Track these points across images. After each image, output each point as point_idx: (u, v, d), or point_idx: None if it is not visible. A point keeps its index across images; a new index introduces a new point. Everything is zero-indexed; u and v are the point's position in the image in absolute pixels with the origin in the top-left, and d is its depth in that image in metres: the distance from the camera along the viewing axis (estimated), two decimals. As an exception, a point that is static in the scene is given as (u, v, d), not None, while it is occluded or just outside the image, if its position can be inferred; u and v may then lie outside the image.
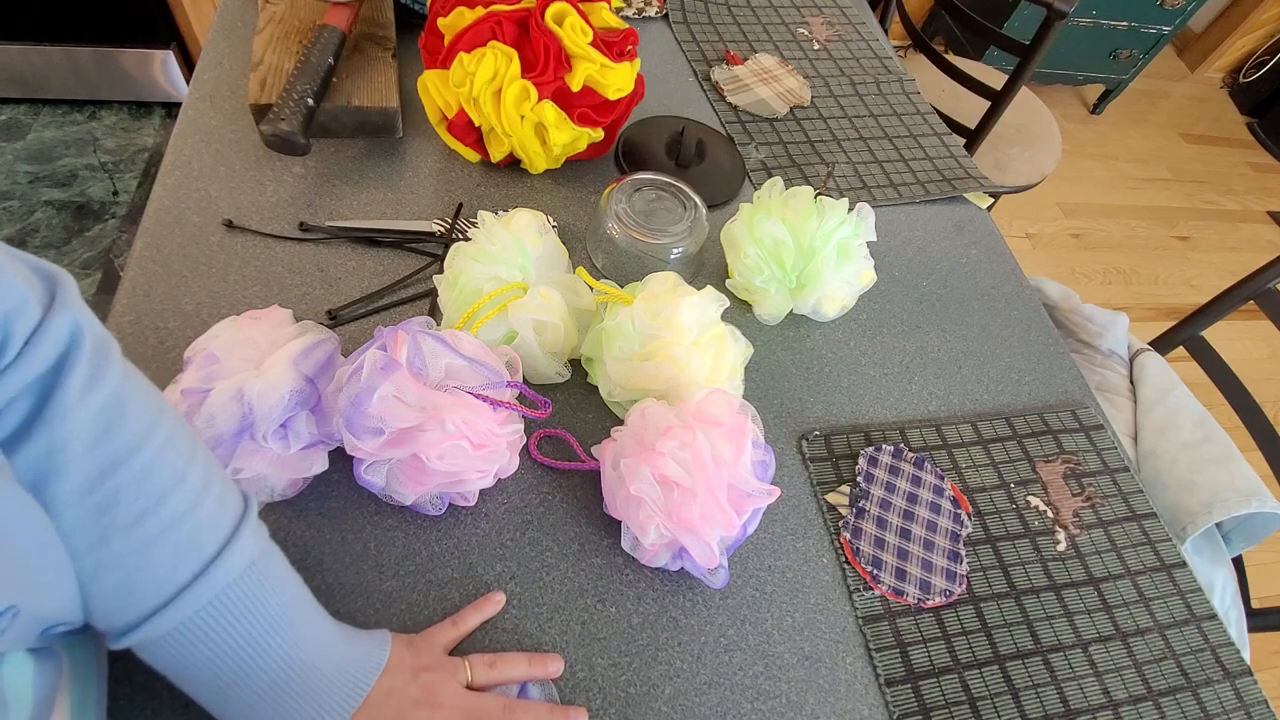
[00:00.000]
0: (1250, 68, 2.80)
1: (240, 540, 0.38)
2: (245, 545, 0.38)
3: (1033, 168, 1.47)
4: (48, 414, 0.31)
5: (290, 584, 0.41)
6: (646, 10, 1.01)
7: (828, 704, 0.51)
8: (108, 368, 0.33)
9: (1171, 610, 0.60)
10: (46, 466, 0.31)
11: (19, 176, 1.63)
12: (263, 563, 0.39)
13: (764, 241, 0.67)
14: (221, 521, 0.38)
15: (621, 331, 0.58)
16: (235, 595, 0.37)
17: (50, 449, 0.31)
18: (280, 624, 0.39)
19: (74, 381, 0.31)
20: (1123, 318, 0.97)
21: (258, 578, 0.39)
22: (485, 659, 0.47)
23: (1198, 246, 2.31)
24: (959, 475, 0.64)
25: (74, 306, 0.33)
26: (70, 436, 0.31)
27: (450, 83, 0.68)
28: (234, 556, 0.37)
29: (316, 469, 0.50)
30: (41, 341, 0.31)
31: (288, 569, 0.42)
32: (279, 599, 0.40)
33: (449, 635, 0.48)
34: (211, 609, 0.36)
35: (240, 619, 0.37)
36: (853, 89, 0.99)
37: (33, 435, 0.31)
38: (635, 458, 0.50)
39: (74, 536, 0.33)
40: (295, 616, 0.40)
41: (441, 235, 0.70)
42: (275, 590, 0.40)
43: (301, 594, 0.42)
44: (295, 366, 0.48)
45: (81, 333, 0.32)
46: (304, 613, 0.41)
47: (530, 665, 0.48)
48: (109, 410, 0.33)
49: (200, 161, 0.70)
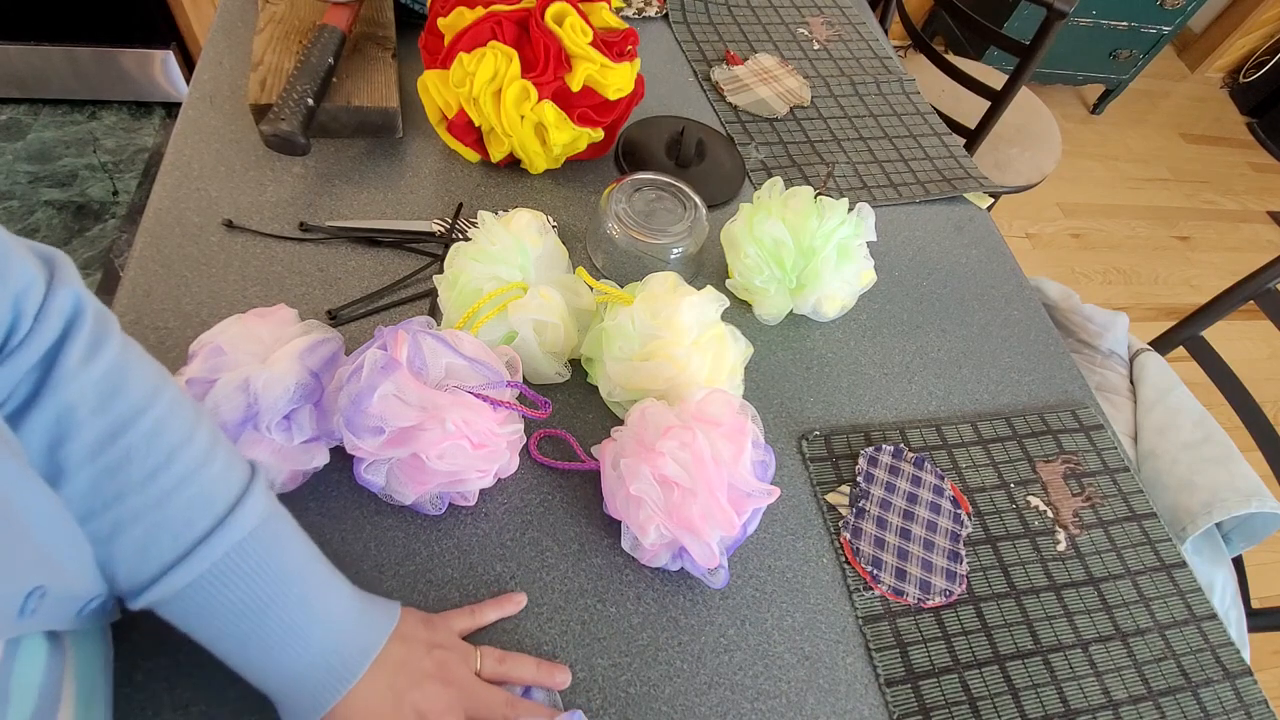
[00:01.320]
0: (1250, 68, 2.80)
1: (252, 497, 0.39)
2: (257, 501, 0.39)
3: (1033, 168, 1.47)
4: (54, 380, 0.33)
5: (303, 543, 0.43)
6: (646, 10, 1.01)
7: (828, 704, 0.51)
8: (108, 337, 0.36)
9: (1171, 610, 0.60)
10: (57, 431, 0.33)
11: (19, 176, 1.63)
12: (275, 520, 0.41)
13: (764, 241, 0.67)
14: (231, 480, 0.39)
15: (621, 331, 0.58)
16: (250, 549, 0.38)
17: (59, 414, 0.33)
18: (296, 576, 0.41)
19: (77, 349, 0.34)
20: (1123, 318, 0.97)
21: (272, 533, 0.40)
22: (496, 653, 0.47)
23: (1198, 246, 2.31)
24: (959, 475, 0.64)
25: (74, 281, 0.35)
26: (77, 401, 0.34)
27: (450, 83, 0.68)
28: (247, 512, 0.38)
29: (318, 462, 0.50)
30: (49, 316, 0.33)
31: (299, 530, 0.43)
32: (293, 554, 0.41)
33: (465, 622, 0.48)
34: (228, 562, 0.38)
35: (256, 571, 0.38)
36: (853, 89, 0.99)
37: (41, 402, 0.33)
38: (635, 458, 0.50)
39: (91, 497, 0.35)
40: (310, 571, 0.42)
41: (441, 235, 0.70)
42: (288, 546, 0.41)
43: (314, 552, 0.43)
44: (301, 360, 0.48)
45: (83, 305, 0.35)
46: (318, 568, 0.43)
47: (538, 670, 0.48)
48: (112, 375, 0.35)
49: (200, 161, 0.70)
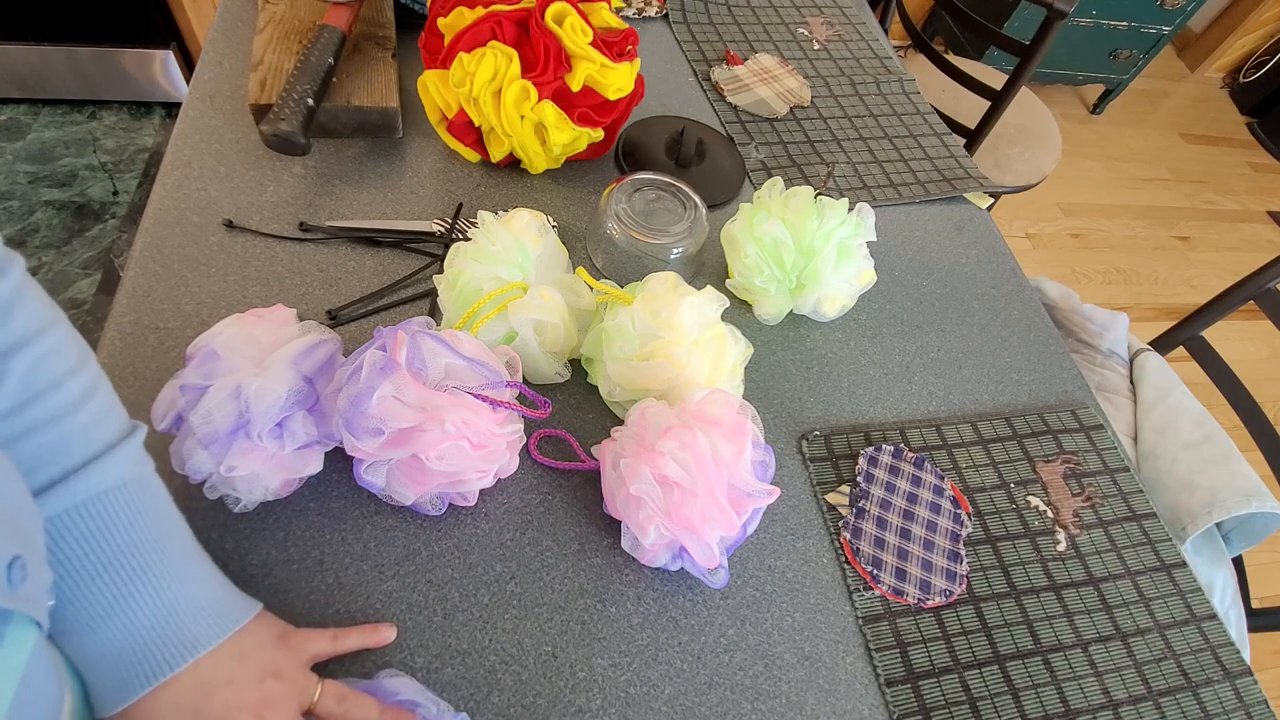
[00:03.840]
0: (1250, 68, 2.80)
1: (112, 459, 0.37)
2: (116, 465, 0.38)
3: (1033, 168, 1.47)
4: None
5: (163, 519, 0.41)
6: (646, 10, 1.01)
7: (828, 704, 0.51)
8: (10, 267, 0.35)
9: (1171, 610, 0.60)
10: None
11: (19, 176, 1.63)
12: (136, 488, 0.39)
13: (764, 241, 0.67)
14: (94, 437, 0.38)
15: (621, 331, 0.58)
16: (94, 511, 0.37)
17: None
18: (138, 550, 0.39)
19: None
20: (1123, 318, 0.97)
21: (125, 500, 0.38)
22: (339, 692, 0.43)
23: (1198, 246, 2.31)
24: (959, 475, 0.64)
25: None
26: None
27: (450, 83, 0.68)
28: (99, 473, 0.37)
29: (311, 469, 0.50)
30: None
31: (168, 505, 0.41)
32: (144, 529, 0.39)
33: (322, 647, 0.45)
34: (67, 519, 0.36)
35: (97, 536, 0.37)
36: (853, 89, 0.99)
37: None
38: (635, 458, 0.50)
39: None
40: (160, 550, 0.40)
41: (441, 235, 0.70)
42: (141, 519, 0.39)
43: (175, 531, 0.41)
44: (295, 366, 0.48)
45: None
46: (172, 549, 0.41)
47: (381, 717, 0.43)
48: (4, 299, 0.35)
49: (200, 161, 0.70)
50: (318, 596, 0.49)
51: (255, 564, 0.50)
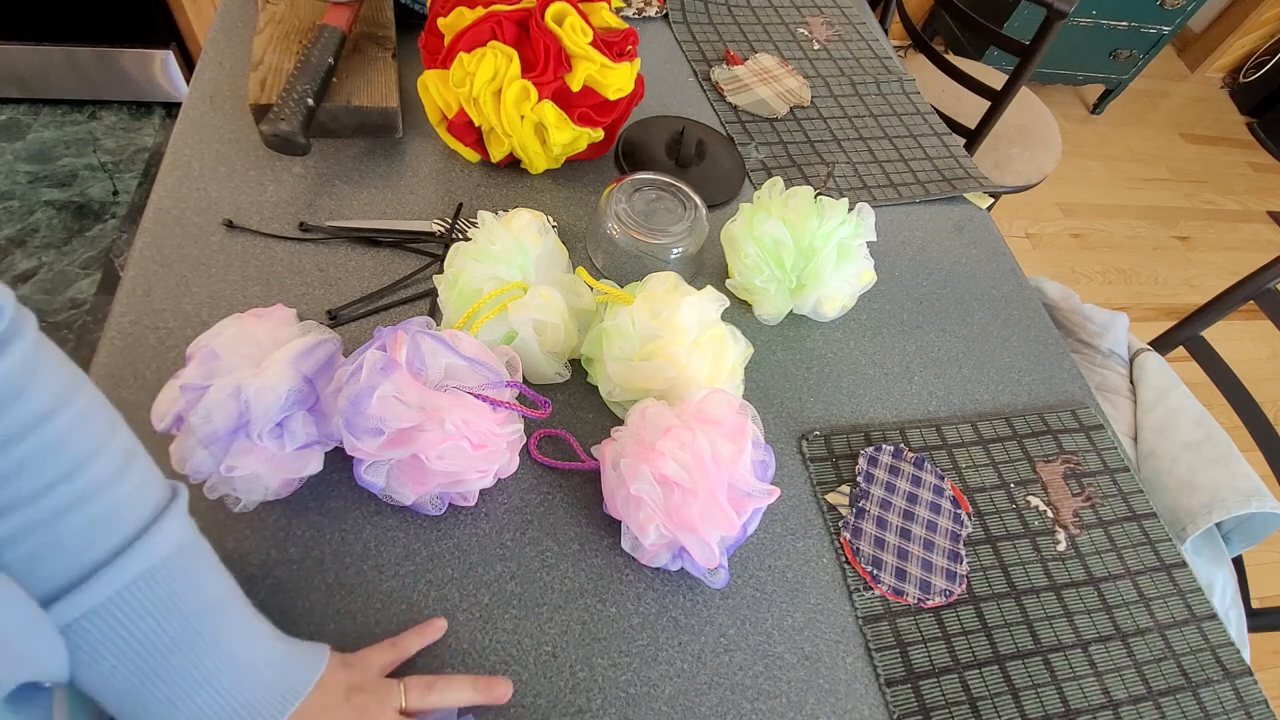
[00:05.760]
0: (1250, 68, 2.80)
1: (167, 523, 0.36)
2: (172, 529, 0.36)
3: (1033, 168, 1.47)
4: None
5: (222, 578, 0.40)
6: (646, 10, 1.01)
7: (828, 704, 0.51)
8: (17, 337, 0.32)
9: (1171, 610, 0.60)
10: None
11: (19, 176, 1.63)
12: (191, 552, 0.38)
13: (764, 241, 0.67)
14: (145, 501, 0.36)
15: (621, 331, 0.58)
16: (159, 579, 0.36)
17: None
18: (209, 613, 0.38)
19: None
20: (1123, 318, 0.97)
21: (184, 564, 0.37)
22: (423, 682, 0.44)
23: (1198, 246, 2.31)
24: (959, 475, 0.64)
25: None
26: None
27: (450, 83, 0.68)
28: (158, 539, 0.36)
29: (311, 469, 0.50)
30: None
31: (219, 566, 0.40)
32: (208, 591, 0.39)
33: (387, 657, 0.46)
34: (134, 591, 0.35)
35: (165, 604, 0.36)
36: (853, 89, 0.98)
37: None
38: (635, 458, 0.50)
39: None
40: (226, 611, 0.39)
41: (441, 235, 0.70)
42: (205, 580, 0.39)
43: (234, 592, 0.41)
44: (294, 366, 0.48)
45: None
46: (237, 609, 0.40)
47: (475, 689, 0.45)
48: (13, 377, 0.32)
49: (200, 161, 0.70)
50: (318, 596, 0.49)
51: (255, 564, 0.50)
